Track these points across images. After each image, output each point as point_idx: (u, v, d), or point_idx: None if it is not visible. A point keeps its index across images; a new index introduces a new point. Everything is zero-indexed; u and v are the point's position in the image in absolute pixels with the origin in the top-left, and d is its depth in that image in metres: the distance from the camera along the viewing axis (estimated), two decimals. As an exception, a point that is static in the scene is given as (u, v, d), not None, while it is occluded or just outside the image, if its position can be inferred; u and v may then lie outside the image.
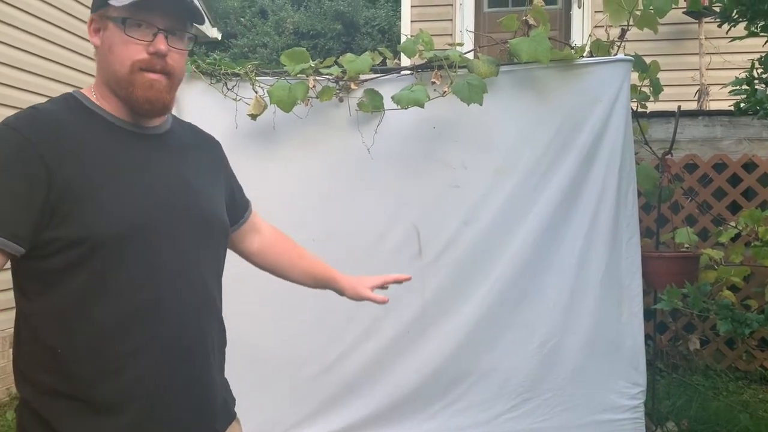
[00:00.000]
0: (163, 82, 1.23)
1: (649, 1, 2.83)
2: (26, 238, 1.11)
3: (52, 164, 1.12)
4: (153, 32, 1.21)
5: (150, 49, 1.20)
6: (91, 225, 1.13)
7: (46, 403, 1.16)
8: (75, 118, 1.23)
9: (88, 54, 5.12)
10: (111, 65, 1.23)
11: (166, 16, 1.22)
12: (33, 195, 1.11)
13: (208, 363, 1.32)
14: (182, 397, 1.25)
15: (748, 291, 4.05)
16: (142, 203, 1.20)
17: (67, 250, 1.13)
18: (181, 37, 1.26)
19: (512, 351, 2.90)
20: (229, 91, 2.93)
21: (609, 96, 2.82)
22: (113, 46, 1.22)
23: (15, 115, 1.19)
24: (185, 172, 1.33)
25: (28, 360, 1.21)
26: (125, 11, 1.19)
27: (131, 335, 1.17)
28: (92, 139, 1.21)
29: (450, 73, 2.76)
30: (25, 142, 1.13)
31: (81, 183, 1.15)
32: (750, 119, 4.27)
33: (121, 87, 1.22)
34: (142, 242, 1.18)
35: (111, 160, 1.21)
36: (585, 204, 2.87)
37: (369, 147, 2.80)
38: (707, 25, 5.51)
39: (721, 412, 3.52)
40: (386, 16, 14.67)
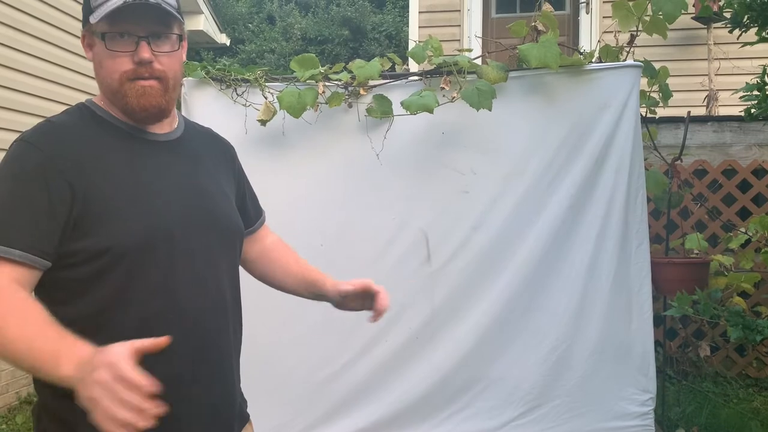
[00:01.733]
0: (156, 86, 1.23)
1: (658, 6, 2.82)
2: (52, 253, 1.13)
3: (72, 178, 1.14)
4: (134, 41, 1.20)
5: (135, 59, 1.20)
6: (113, 236, 1.15)
7: (66, 406, 1.11)
8: (89, 128, 1.24)
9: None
10: (104, 79, 1.25)
11: (143, 22, 1.20)
12: (56, 210, 1.12)
13: (227, 367, 1.33)
14: (201, 402, 1.25)
15: (758, 297, 4.03)
16: (160, 212, 1.21)
17: (91, 261, 1.14)
18: (166, 38, 1.24)
19: (521, 357, 2.90)
20: (239, 97, 2.94)
21: (618, 101, 2.82)
22: (102, 61, 1.23)
23: (31, 130, 1.21)
24: (199, 178, 1.34)
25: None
26: (104, 25, 1.19)
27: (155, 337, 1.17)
28: (108, 150, 1.22)
29: (459, 79, 2.76)
30: (44, 158, 1.14)
31: (101, 194, 1.16)
32: (760, 125, 4.26)
33: (117, 98, 1.24)
34: (160, 250, 1.19)
35: (127, 170, 1.22)
36: (594, 210, 2.86)
37: (378, 152, 2.81)
38: (716, 30, 5.49)
39: (731, 420, 3.50)
40: (393, 22, 14.70)
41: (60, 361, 0.99)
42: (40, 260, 1.12)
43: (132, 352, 0.95)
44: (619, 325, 2.88)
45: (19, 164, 1.16)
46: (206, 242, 1.27)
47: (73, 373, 0.96)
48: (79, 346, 1.01)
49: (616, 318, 2.87)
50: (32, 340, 1.02)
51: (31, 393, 4.20)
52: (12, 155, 1.17)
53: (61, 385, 0.98)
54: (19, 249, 1.10)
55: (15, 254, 1.09)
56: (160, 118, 1.29)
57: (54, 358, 1.00)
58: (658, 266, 3.00)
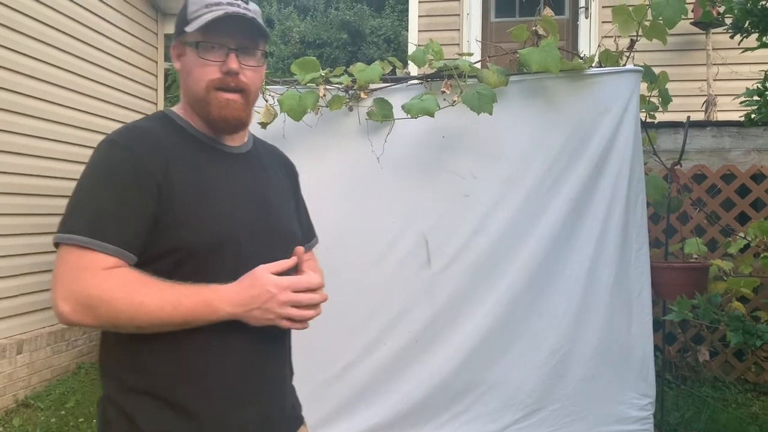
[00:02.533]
0: (239, 100, 1.31)
1: (658, 11, 2.83)
2: (140, 248, 1.21)
3: (159, 179, 1.22)
4: (225, 52, 1.28)
5: (223, 69, 1.28)
6: (186, 235, 1.22)
7: (129, 399, 1.24)
8: (170, 135, 1.31)
9: (85, 56, 5.15)
10: (190, 87, 1.32)
11: (235, 36, 1.29)
12: (146, 209, 1.20)
13: (282, 369, 1.41)
14: (256, 400, 1.31)
15: (757, 302, 4.04)
16: (229, 217, 1.29)
17: (166, 257, 1.22)
18: (252, 54, 1.32)
19: (521, 361, 2.89)
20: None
21: (618, 106, 2.83)
22: (191, 69, 1.31)
23: (119, 131, 1.29)
24: (265, 190, 1.41)
25: (114, 359, 1.29)
26: (198, 35, 1.28)
27: (211, 341, 1.24)
28: (186, 156, 1.30)
29: (460, 83, 2.77)
30: (135, 158, 1.22)
31: (179, 197, 1.23)
32: (759, 130, 4.27)
33: (200, 106, 1.31)
34: (226, 253, 1.26)
35: (202, 176, 1.29)
36: (594, 214, 2.86)
37: (378, 156, 2.81)
38: (714, 35, 5.51)
39: (730, 425, 3.50)
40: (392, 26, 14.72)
41: (214, 306, 1.18)
42: (130, 255, 1.20)
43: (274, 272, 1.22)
44: (618, 329, 2.88)
45: (111, 163, 1.23)
46: (268, 251, 1.32)
47: (233, 309, 1.19)
48: (220, 288, 1.20)
49: (615, 322, 2.87)
50: (175, 300, 1.16)
51: (28, 396, 4.19)
52: (103, 154, 1.25)
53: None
54: (113, 244, 1.17)
55: (109, 249, 1.17)
56: (238, 130, 1.37)
57: (206, 306, 1.18)
58: (657, 270, 3.00)
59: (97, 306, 1.14)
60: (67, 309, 1.14)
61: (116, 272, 1.17)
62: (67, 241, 1.18)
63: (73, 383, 4.47)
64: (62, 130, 4.71)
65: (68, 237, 1.18)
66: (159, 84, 6.13)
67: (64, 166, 4.70)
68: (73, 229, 1.18)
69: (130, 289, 1.16)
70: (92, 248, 1.16)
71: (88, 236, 1.16)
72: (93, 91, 5.09)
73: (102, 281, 1.15)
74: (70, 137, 4.79)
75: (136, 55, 5.77)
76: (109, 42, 5.33)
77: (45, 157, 4.53)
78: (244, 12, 1.28)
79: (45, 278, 4.52)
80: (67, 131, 4.76)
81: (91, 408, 3.99)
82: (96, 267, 1.16)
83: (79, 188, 1.23)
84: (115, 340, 1.27)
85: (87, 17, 5.02)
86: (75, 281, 1.15)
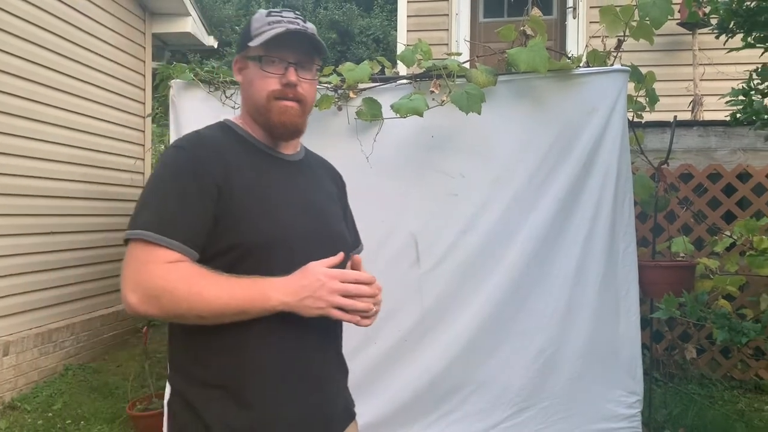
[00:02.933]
0: (296, 108, 1.42)
1: (644, 12, 2.85)
2: (200, 246, 1.30)
3: (219, 181, 1.32)
4: (284, 66, 1.40)
5: (283, 81, 1.40)
6: (243, 236, 1.32)
7: (193, 391, 1.33)
8: (230, 142, 1.43)
9: (72, 56, 5.11)
10: (251, 96, 1.44)
11: (294, 51, 1.41)
12: (206, 208, 1.30)
13: (336, 365, 1.50)
14: (313, 394, 1.39)
15: (743, 300, 4.07)
16: (283, 220, 1.38)
17: (223, 256, 1.31)
18: (309, 68, 1.44)
19: (509, 360, 2.91)
20: (228, 99, 2.93)
21: (606, 106, 2.84)
22: (253, 81, 1.42)
23: (184, 138, 1.42)
24: (317, 196, 1.52)
25: (180, 353, 1.38)
26: (261, 50, 1.39)
27: (270, 336, 1.32)
28: (245, 161, 1.40)
29: (448, 83, 2.77)
30: (198, 163, 1.33)
31: (238, 198, 1.33)
32: (744, 130, 4.31)
33: (260, 114, 1.43)
34: (279, 253, 1.35)
35: (259, 180, 1.39)
36: (582, 213, 2.88)
37: (368, 155, 2.81)
38: (701, 36, 5.56)
39: (717, 422, 3.53)
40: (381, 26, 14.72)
41: (267, 294, 1.26)
42: (192, 251, 1.29)
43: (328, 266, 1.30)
44: (606, 327, 2.90)
45: (176, 167, 1.34)
46: (319, 252, 1.39)
47: (286, 298, 1.26)
48: (273, 279, 1.27)
49: (603, 321, 2.89)
50: (232, 291, 1.25)
51: (15, 398, 4.15)
52: (169, 159, 1.37)
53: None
54: (177, 240, 1.27)
55: (174, 245, 1.26)
56: (294, 137, 1.49)
57: (260, 294, 1.25)
58: (644, 269, 3.02)
59: (160, 296, 1.23)
60: (134, 300, 1.23)
61: (178, 266, 1.25)
62: (135, 236, 1.27)
63: (61, 385, 4.44)
64: (49, 129, 4.67)
65: (137, 233, 1.27)
66: (147, 83, 6.09)
67: (50, 166, 4.67)
68: (141, 226, 1.27)
69: (190, 281, 1.24)
70: (158, 243, 1.25)
71: (154, 232, 1.26)
72: (80, 90, 5.06)
73: (166, 273, 1.24)
74: (56, 137, 4.75)
75: (124, 55, 5.73)
76: (96, 41, 5.30)
77: (31, 157, 4.49)
78: (303, 29, 1.41)
79: (32, 279, 4.49)
80: (54, 131, 4.73)
81: (78, 410, 3.96)
82: (160, 260, 1.25)
83: (147, 189, 1.33)
84: (181, 335, 1.36)
85: (74, 16, 4.98)
86: (141, 273, 1.24)
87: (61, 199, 4.81)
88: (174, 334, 1.39)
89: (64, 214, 4.85)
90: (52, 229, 4.70)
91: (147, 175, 6.06)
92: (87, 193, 5.12)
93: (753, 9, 2.16)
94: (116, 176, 5.54)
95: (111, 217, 5.43)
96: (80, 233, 5.03)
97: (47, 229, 4.65)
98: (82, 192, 5.05)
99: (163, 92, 3.10)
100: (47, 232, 4.65)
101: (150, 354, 4.67)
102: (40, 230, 4.58)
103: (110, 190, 5.45)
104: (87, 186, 5.12)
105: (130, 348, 5.42)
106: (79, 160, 5.01)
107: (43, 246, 4.61)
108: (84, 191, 5.08)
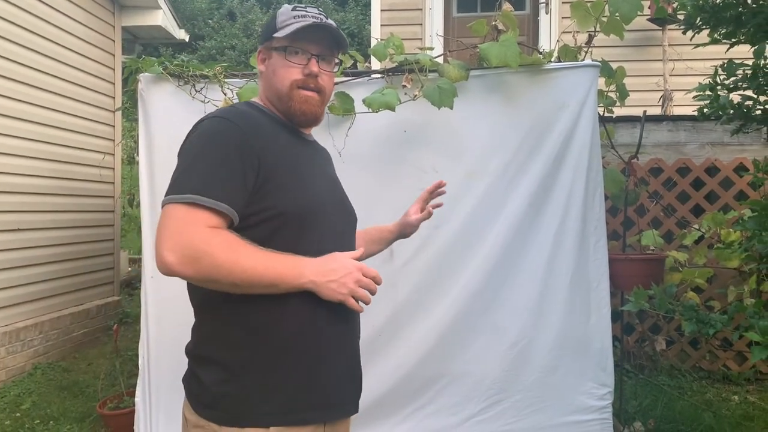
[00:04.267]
0: (316, 98, 1.51)
1: (615, 7, 2.87)
2: (242, 211, 1.36)
3: (260, 152, 1.38)
4: (307, 57, 1.49)
5: (305, 71, 1.49)
6: (283, 204, 1.39)
7: (231, 355, 1.40)
8: (263, 118, 1.50)
9: (40, 49, 5.01)
10: (274, 85, 1.51)
11: (317, 44, 1.50)
12: (247, 176, 1.35)
13: (357, 340, 1.61)
14: (342, 370, 1.50)
15: (711, 292, 4.15)
16: (315, 191, 1.48)
17: (268, 222, 1.38)
18: (329, 61, 1.54)
19: (483, 353, 2.92)
20: (198, 93, 2.89)
21: (577, 100, 2.87)
22: (277, 70, 1.51)
23: (224, 109, 1.47)
24: (331, 172, 1.67)
25: (214, 320, 1.43)
26: (285, 41, 1.48)
27: (311, 299, 1.39)
28: (279, 136, 1.48)
29: (421, 77, 2.77)
30: (241, 133, 1.38)
31: (277, 169, 1.40)
32: (712, 124, 4.38)
33: (282, 102, 1.51)
34: (314, 222, 1.44)
35: (293, 154, 1.49)
36: (553, 207, 2.90)
37: (340, 150, 2.80)
38: (670, 32, 5.63)
39: (685, 412, 3.59)
40: (355, 20, 14.67)
41: (299, 270, 1.33)
42: (236, 214, 1.34)
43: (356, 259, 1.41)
44: (578, 320, 2.92)
45: (218, 133, 1.38)
46: (343, 223, 1.56)
47: (315, 277, 1.34)
48: (308, 260, 1.35)
49: (575, 314, 2.92)
50: (267, 262, 1.31)
51: (-19, 398, 4.07)
52: (212, 128, 1.40)
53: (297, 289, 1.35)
54: (225, 203, 1.31)
55: (222, 207, 1.31)
56: (313, 125, 1.58)
57: (293, 268, 1.33)
58: (615, 262, 3.05)
59: (200, 258, 1.26)
60: (172, 259, 1.26)
61: (219, 231, 1.30)
62: (176, 201, 1.30)
63: (29, 384, 4.36)
64: (14, 124, 4.56)
65: (177, 197, 1.30)
66: (117, 77, 5.99)
67: (16, 162, 4.57)
68: (182, 189, 1.31)
69: (230, 248, 1.29)
70: (201, 204, 1.29)
71: (197, 194, 1.30)
72: (48, 84, 4.95)
73: (207, 237, 1.28)
74: (22, 132, 4.64)
75: (93, 48, 5.63)
76: (65, 35, 5.19)
77: (-3, 152, 4.39)
78: (328, 24, 1.50)
79: (-2, 277, 4.40)
80: (20, 125, 4.62)
81: (47, 409, 3.89)
82: (202, 223, 1.29)
83: (189, 156, 1.38)
84: (211, 323, 1.43)
85: (42, 9, 4.87)
86: (183, 234, 1.27)
87: (28, 195, 4.71)
88: (203, 324, 1.46)
89: (31, 210, 4.75)
90: (18, 225, 4.60)
91: (117, 170, 5.96)
92: (55, 189, 5.02)
93: (718, 5, 2.19)
94: (85, 172, 5.44)
95: (80, 213, 5.34)
96: (48, 230, 4.94)
97: (13, 225, 4.55)
98: (49, 188, 4.95)
99: (131, 86, 3.05)
100: (13, 229, 4.56)
101: (121, 352, 4.61)
102: (5, 227, 4.48)
103: (79, 185, 5.35)
104: (54, 182, 5.02)
105: (101, 346, 5.35)
106: (46, 156, 4.91)
107: (10, 243, 4.52)
108: (51, 187, 4.98)
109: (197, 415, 1.40)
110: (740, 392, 3.99)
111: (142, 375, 2.99)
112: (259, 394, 1.37)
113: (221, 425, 1.36)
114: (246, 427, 1.35)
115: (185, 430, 1.45)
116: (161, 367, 2.95)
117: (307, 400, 1.40)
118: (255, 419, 1.36)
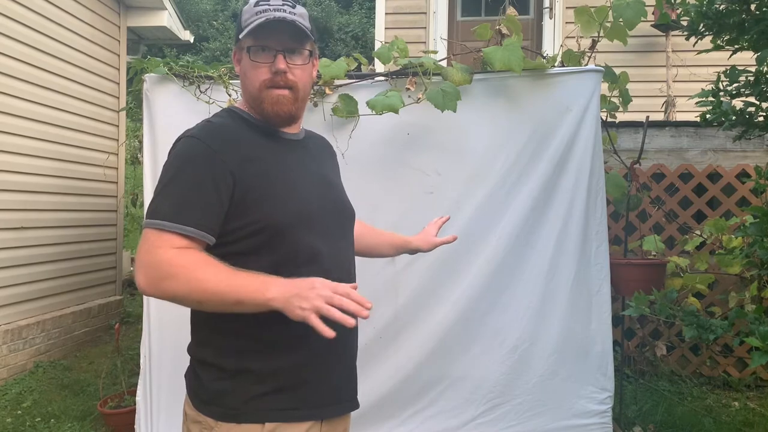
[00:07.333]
0: (287, 95, 1.45)
1: (618, 13, 2.88)
2: (216, 230, 1.36)
3: (233, 168, 1.36)
4: (273, 54, 1.43)
5: (272, 69, 1.43)
6: (268, 215, 1.37)
7: (225, 361, 1.41)
8: (241, 128, 1.47)
9: (45, 49, 5.03)
10: (247, 87, 1.48)
11: (281, 39, 1.43)
12: (221, 195, 1.35)
13: (355, 338, 1.57)
14: (338, 367, 1.49)
15: (712, 298, 4.14)
16: (302, 197, 1.45)
17: (251, 237, 1.37)
18: (299, 53, 1.47)
19: (483, 357, 2.92)
20: (202, 94, 2.91)
21: (580, 105, 2.87)
22: (246, 71, 1.47)
23: (195, 128, 1.44)
24: (323, 171, 1.60)
25: (206, 327, 1.46)
26: (249, 41, 1.44)
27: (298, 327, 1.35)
28: (256, 145, 1.45)
29: (424, 80, 2.78)
30: (210, 151, 1.37)
31: (257, 181, 1.38)
32: (715, 130, 4.38)
33: (256, 103, 1.47)
34: (304, 229, 1.42)
35: (274, 161, 1.45)
36: (555, 211, 2.91)
37: (343, 152, 2.80)
38: (674, 38, 5.64)
39: (686, 417, 3.59)
40: (360, 23, 14.70)
41: (266, 288, 1.27)
42: (208, 236, 1.34)
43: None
44: (579, 325, 2.93)
45: (188, 155, 1.38)
46: (337, 224, 1.52)
47: (277, 294, 1.26)
48: (275, 279, 1.29)
49: (576, 318, 2.92)
50: (230, 281, 1.28)
51: (-17, 395, 4.08)
52: (183, 149, 1.39)
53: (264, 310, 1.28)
54: (191, 226, 1.32)
55: (187, 230, 1.32)
56: (290, 123, 1.52)
57: (258, 288, 1.27)
58: (616, 267, 3.06)
59: (164, 278, 1.28)
60: (142, 281, 1.31)
61: (185, 252, 1.31)
62: (149, 225, 1.34)
63: (30, 382, 4.37)
64: (18, 122, 4.58)
65: (150, 222, 1.34)
66: (121, 77, 6.01)
67: (19, 160, 4.59)
68: (154, 216, 1.34)
69: (193, 267, 1.29)
70: (168, 230, 1.31)
71: (166, 220, 1.32)
72: (53, 84, 4.97)
73: (171, 257, 1.29)
74: (26, 130, 4.66)
75: (99, 48, 5.65)
76: (71, 35, 5.21)
77: (3, 151, 4.40)
78: (284, 16, 1.42)
79: (0, 275, 4.41)
80: (24, 124, 4.64)
81: (49, 408, 3.90)
82: (168, 246, 1.31)
83: (162, 179, 1.38)
84: (204, 330, 1.45)
85: (49, 9, 4.89)
86: (150, 256, 1.31)
87: (31, 193, 4.73)
88: (199, 329, 1.47)
89: (34, 209, 4.76)
90: (22, 224, 4.62)
91: (121, 170, 5.98)
92: (58, 188, 5.03)
93: (722, 11, 2.20)
94: (89, 171, 5.45)
95: (83, 212, 5.35)
96: (51, 228, 4.95)
97: (17, 224, 4.57)
98: (52, 186, 4.97)
99: (136, 86, 3.07)
100: (17, 228, 4.57)
101: (122, 351, 4.62)
102: (9, 225, 4.50)
103: (82, 185, 5.37)
104: (58, 180, 5.03)
105: (102, 345, 5.36)
106: (50, 155, 4.93)
107: (13, 241, 4.53)
108: (55, 186, 5.00)
109: (196, 411, 1.42)
110: (740, 398, 3.99)
111: (143, 374, 3.01)
112: (256, 391, 1.39)
113: (218, 421, 1.38)
114: (242, 423, 1.37)
115: (185, 425, 1.47)
116: (162, 366, 2.96)
117: (303, 397, 1.42)
118: (251, 416, 1.38)
